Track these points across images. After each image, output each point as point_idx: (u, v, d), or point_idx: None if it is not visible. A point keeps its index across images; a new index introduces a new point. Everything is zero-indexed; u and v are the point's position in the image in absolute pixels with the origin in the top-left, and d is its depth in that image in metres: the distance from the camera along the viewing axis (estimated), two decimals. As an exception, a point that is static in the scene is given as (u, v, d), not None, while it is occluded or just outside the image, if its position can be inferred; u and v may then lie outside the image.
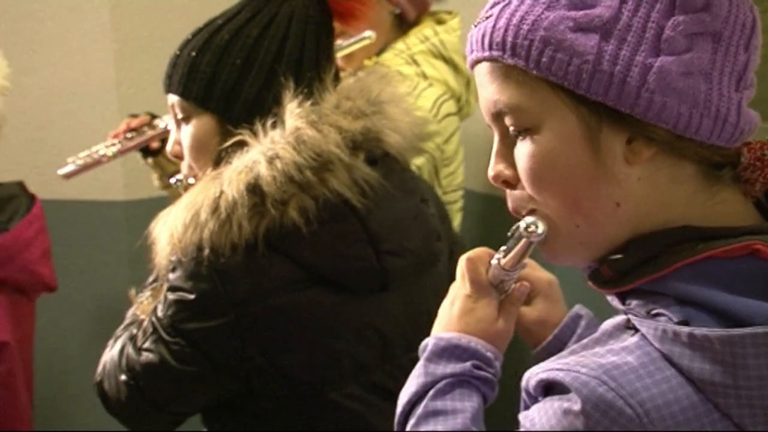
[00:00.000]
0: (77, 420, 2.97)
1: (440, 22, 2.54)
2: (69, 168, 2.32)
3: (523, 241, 1.15)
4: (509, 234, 1.18)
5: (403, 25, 2.51)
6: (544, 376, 1.04)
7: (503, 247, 1.22)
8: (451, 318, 1.29)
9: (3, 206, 2.39)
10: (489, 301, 1.28)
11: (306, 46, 1.73)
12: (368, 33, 2.26)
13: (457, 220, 2.52)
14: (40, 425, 2.64)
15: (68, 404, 2.94)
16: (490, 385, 1.26)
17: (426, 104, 2.36)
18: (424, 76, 2.42)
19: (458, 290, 1.30)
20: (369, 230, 1.70)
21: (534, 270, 1.35)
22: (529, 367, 1.10)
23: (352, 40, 2.25)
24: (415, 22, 2.52)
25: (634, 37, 1.04)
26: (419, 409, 1.24)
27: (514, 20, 1.08)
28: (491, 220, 2.80)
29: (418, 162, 2.27)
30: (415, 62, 2.44)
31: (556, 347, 1.32)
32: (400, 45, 2.47)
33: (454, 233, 2.06)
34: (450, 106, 2.47)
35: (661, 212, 1.08)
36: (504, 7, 1.10)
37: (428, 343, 1.28)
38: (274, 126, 1.65)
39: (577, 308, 1.38)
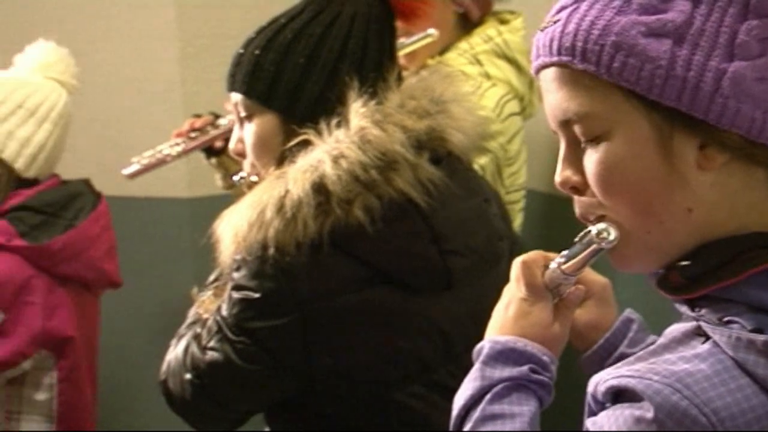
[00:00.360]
0: (141, 416, 3.00)
1: (503, 22, 2.53)
2: (133, 168, 2.34)
3: (593, 246, 1.14)
4: (576, 239, 1.16)
5: (466, 24, 2.50)
6: (614, 382, 1.03)
7: (565, 252, 1.21)
8: (506, 321, 1.27)
9: (69, 203, 2.43)
10: (545, 304, 1.26)
11: (369, 45, 1.73)
12: (431, 31, 2.26)
13: (518, 221, 2.51)
14: (103, 420, 2.67)
15: (131, 400, 2.98)
16: (546, 389, 1.24)
17: (489, 104, 2.35)
18: (487, 76, 2.41)
19: (513, 293, 1.28)
20: (433, 229, 1.69)
21: (588, 273, 1.32)
22: (578, 371, 1.08)
23: (414, 37, 2.25)
24: (479, 22, 2.51)
25: (708, 42, 1.02)
26: (476, 413, 1.22)
27: (584, 25, 1.07)
28: (553, 220, 2.78)
29: (481, 161, 2.27)
30: (479, 62, 2.43)
31: (606, 351, 1.32)
32: (463, 45, 2.46)
33: (514, 233, 2.05)
34: (513, 106, 2.45)
35: (733, 218, 1.06)
36: (573, 11, 1.09)
37: (484, 347, 1.26)
38: (338, 125, 1.65)
39: (628, 312, 1.36)
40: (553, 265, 1.23)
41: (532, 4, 1.07)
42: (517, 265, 1.27)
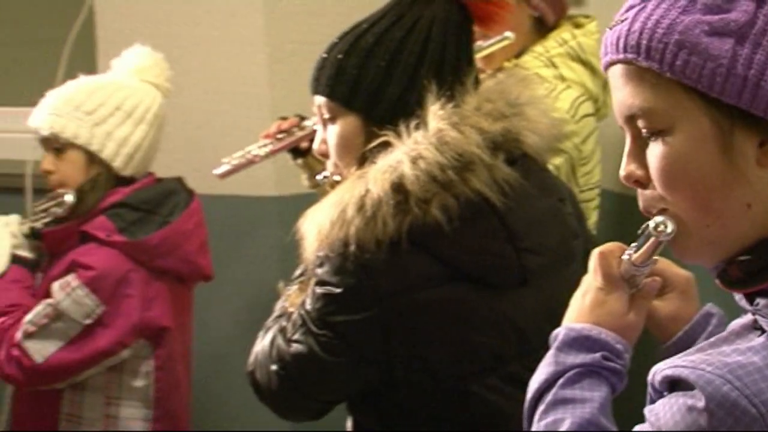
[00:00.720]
0: (230, 404, 3.02)
1: (578, 25, 2.50)
2: (224, 168, 2.36)
3: (652, 239, 1.14)
4: (639, 232, 1.16)
5: (542, 28, 2.48)
6: (669, 372, 1.03)
7: (634, 244, 1.20)
8: (582, 309, 1.27)
9: (164, 201, 2.46)
10: (620, 294, 1.25)
11: (447, 50, 1.71)
12: (508, 34, 2.25)
13: (593, 218, 2.48)
14: (195, 407, 2.70)
15: (223, 389, 3.01)
16: (619, 376, 1.24)
17: (564, 105, 2.33)
18: (562, 78, 2.39)
19: (590, 283, 1.27)
20: (509, 228, 1.67)
21: (671, 266, 1.32)
22: (653, 360, 1.09)
23: (492, 40, 2.24)
24: (554, 26, 2.49)
25: None
26: (548, 397, 1.22)
27: (650, 24, 1.06)
28: (627, 219, 2.74)
29: (556, 161, 2.24)
30: (554, 65, 2.41)
31: (685, 343, 1.29)
32: (538, 48, 2.44)
33: (589, 231, 2.03)
34: (587, 108, 2.43)
35: None
36: (639, 10, 1.08)
37: (559, 333, 1.26)
38: (417, 127, 1.64)
39: (709, 306, 1.34)
40: (624, 257, 1.23)
41: (606, 8, 1.06)
42: (594, 255, 1.27)
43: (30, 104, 2.46)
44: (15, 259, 2.45)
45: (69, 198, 2.38)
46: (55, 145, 2.40)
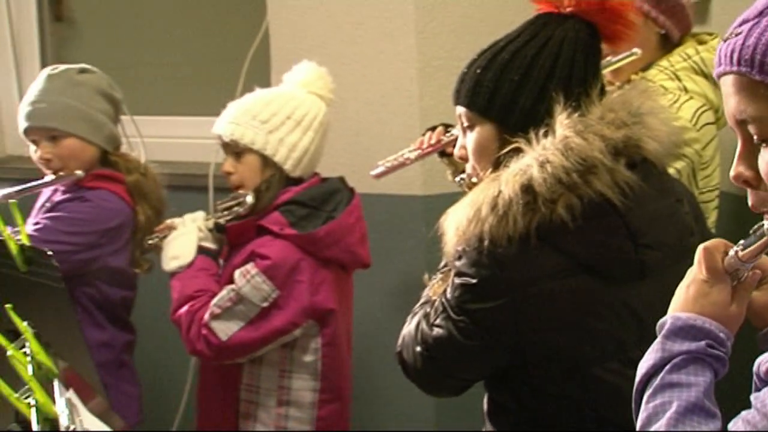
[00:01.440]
0: (386, 378, 3.04)
1: (701, 42, 2.44)
2: (379, 169, 2.39)
3: (765, 238, 1.12)
4: (751, 231, 1.15)
5: (667, 44, 2.43)
6: None
7: (742, 241, 1.19)
8: (687, 300, 1.25)
9: (329, 198, 2.48)
10: (723, 287, 1.23)
11: (575, 66, 1.70)
12: (635, 50, 2.21)
13: (712, 218, 2.42)
14: (356, 380, 2.73)
15: (377, 364, 3.03)
16: (721, 362, 1.22)
17: (686, 115, 2.28)
18: (685, 90, 2.34)
19: (695, 275, 1.26)
20: (629, 226, 1.65)
21: (766, 259, 1.28)
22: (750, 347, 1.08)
23: (620, 56, 2.21)
24: (679, 42, 2.43)
25: None
26: (656, 381, 1.21)
27: (764, 39, 1.04)
28: (744, 218, 2.65)
29: (678, 165, 2.21)
30: (677, 78, 2.35)
31: None
32: (664, 62, 2.39)
33: (707, 230, 1.98)
34: (708, 116, 2.37)
35: None
36: (754, 25, 1.06)
37: (666, 322, 1.25)
38: (545, 135, 1.64)
39: None
40: (731, 252, 1.22)
41: (728, 25, 1.04)
42: (700, 250, 1.26)
43: (214, 114, 2.50)
44: (201, 250, 2.49)
45: (249, 199, 2.42)
46: (235, 149, 2.43)
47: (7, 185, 2.66)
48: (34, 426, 1.02)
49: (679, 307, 1.26)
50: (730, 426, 1.10)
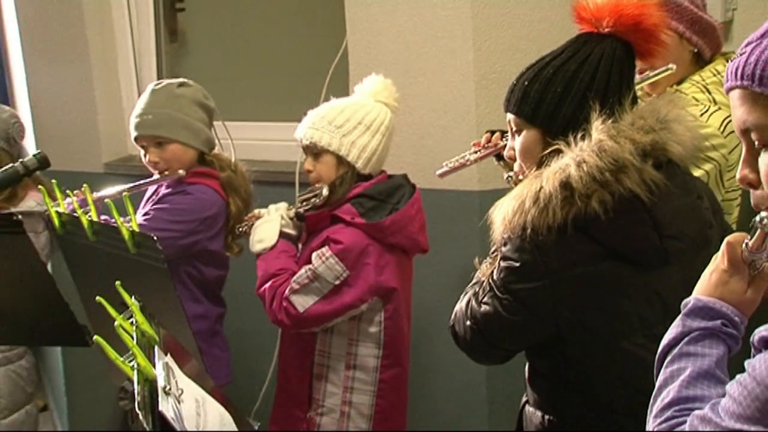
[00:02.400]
0: (440, 348, 3.05)
1: (729, 60, 2.39)
2: (443, 169, 2.37)
3: (759, 231, 1.14)
4: (750, 225, 1.16)
5: (699, 61, 2.39)
6: (765, 333, 1.05)
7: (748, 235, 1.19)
8: (709, 285, 1.26)
9: (394, 192, 2.49)
10: (741, 276, 1.24)
11: (611, 79, 1.70)
12: (671, 66, 2.18)
13: (735, 214, 2.39)
14: (414, 350, 2.73)
15: (434, 336, 3.01)
16: (734, 339, 1.23)
17: (715, 123, 2.25)
18: (714, 102, 2.30)
19: (717, 264, 1.27)
20: (654, 219, 1.65)
21: None
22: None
23: (657, 71, 2.18)
24: (710, 60, 2.40)
25: None
26: (675, 351, 1.23)
27: (763, 57, 1.06)
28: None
29: (707, 168, 2.19)
30: (708, 90, 2.32)
31: None
32: (696, 77, 2.36)
33: (725, 223, 1.95)
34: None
35: None
36: (755, 46, 1.08)
37: (689, 302, 1.27)
38: (582, 138, 1.64)
39: None
40: (743, 245, 1.23)
41: None
42: (724, 243, 1.26)
43: (298, 120, 2.52)
44: (283, 235, 2.52)
45: (324, 192, 2.45)
46: (314, 150, 2.45)
47: (129, 180, 2.74)
48: (135, 385, 1.06)
49: (702, 290, 1.27)
50: (727, 387, 1.11)
